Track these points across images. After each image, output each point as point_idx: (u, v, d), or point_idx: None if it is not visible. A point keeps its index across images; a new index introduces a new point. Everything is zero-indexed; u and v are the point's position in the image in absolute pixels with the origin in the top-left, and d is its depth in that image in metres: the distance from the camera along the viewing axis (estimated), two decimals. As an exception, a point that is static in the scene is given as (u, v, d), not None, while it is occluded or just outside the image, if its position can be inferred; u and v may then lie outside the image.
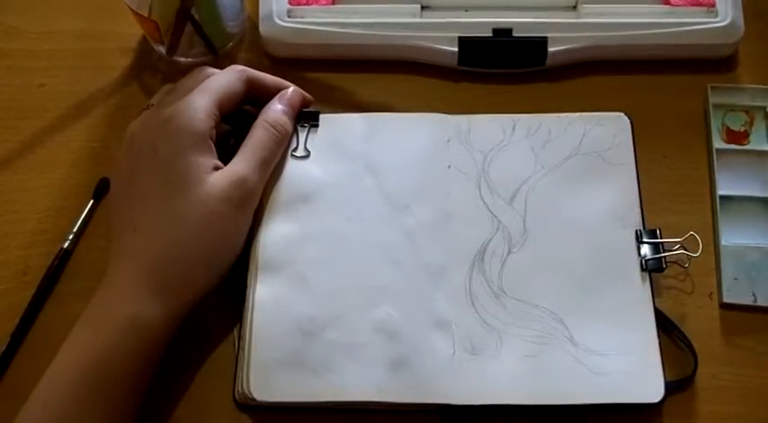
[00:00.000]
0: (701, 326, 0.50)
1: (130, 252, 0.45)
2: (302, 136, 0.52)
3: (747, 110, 0.56)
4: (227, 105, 0.49)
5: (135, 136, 0.48)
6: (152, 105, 0.51)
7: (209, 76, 0.50)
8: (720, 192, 0.53)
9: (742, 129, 0.55)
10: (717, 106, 0.56)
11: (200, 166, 0.46)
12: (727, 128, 0.55)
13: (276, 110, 0.51)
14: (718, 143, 0.55)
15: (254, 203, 0.48)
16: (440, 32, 0.57)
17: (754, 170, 0.54)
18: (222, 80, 0.49)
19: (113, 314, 0.44)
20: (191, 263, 0.45)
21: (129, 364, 0.43)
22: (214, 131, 0.48)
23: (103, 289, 0.45)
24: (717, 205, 0.53)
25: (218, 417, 0.47)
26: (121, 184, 0.48)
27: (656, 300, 0.48)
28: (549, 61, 0.57)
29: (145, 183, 0.46)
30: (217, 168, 0.47)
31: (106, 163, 0.55)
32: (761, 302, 0.50)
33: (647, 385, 0.45)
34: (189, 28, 0.56)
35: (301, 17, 0.58)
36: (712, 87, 0.56)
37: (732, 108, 0.56)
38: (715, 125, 0.55)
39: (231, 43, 0.60)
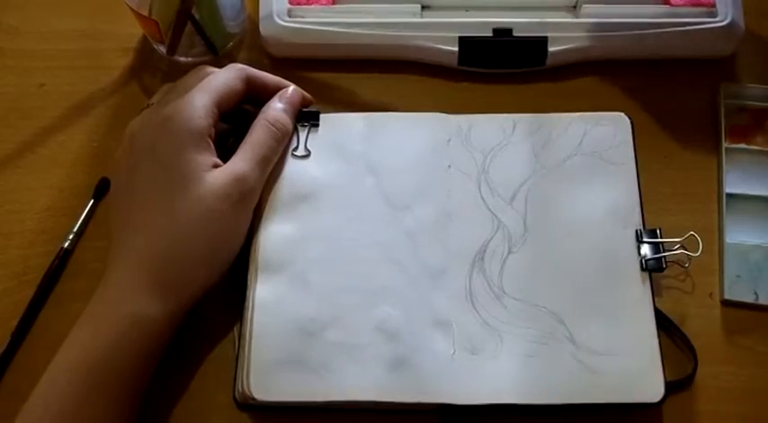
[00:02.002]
0: (702, 326, 0.50)
1: (130, 250, 0.45)
2: (302, 135, 0.52)
3: (756, 109, 0.56)
4: (226, 104, 0.49)
5: (134, 134, 0.48)
6: (152, 104, 0.51)
7: (208, 75, 0.50)
8: (727, 190, 0.53)
9: (750, 128, 0.55)
10: (727, 105, 0.56)
11: (199, 163, 0.46)
12: (735, 126, 0.55)
13: (276, 108, 0.51)
14: (726, 141, 0.55)
15: (254, 201, 0.48)
16: (440, 32, 0.57)
17: (761, 169, 0.54)
18: (221, 78, 0.49)
19: (113, 312, 0.44)
20: (190, 260, 0.45)
21: (129, 363, 0.43)
22: (213, 130, 0.48)
23: (103, 287, 0.45)
24: (723, 203, 0.53)
25: (218, 417, 0.47)
26: (121, 182, 0.48)
27: (656, 300, 0.48)
28: (549, 61, 0.57)
29: (144, 181, 0.46)
30: (216, 166, 0.47)
31: (106, 163, 0.55)
32: (762, 301, 0.50)
33: (647, 385, 0.45)
34: (189, 28, 0.56)
35: (302, 17, 0.58)
36: (725, 85, 0.56)
37: (742, 107, 0.56)
38: (724, 124, 0.55)
39: (231, 43, 0.60)
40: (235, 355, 0.47)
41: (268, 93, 0.52)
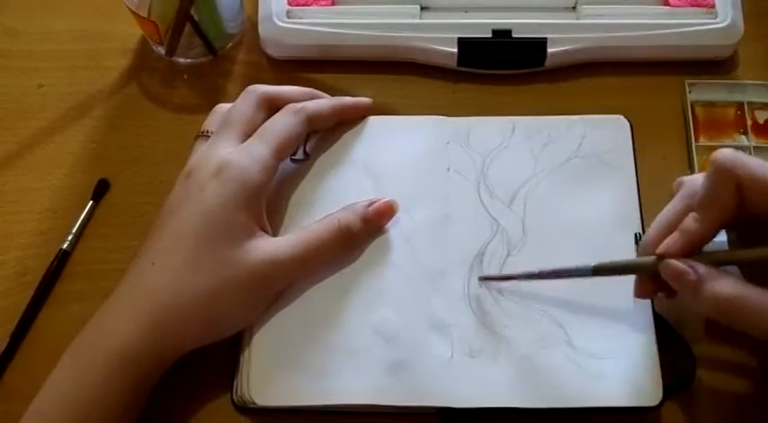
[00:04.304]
0: (700, 328, 0.49)
1: (139, 286, 0.44)
2: (301, 138, 0.52)
3: (726, 105, 0.56)
4: (285, 152, 0.48)
5: (191, 172, 0.47)
6: (206, 133, 0.50)
7: (260, 95, 0.49)
8: None
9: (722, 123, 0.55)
10: (695, 102, 0.56)
11: (243, 227, 0.45)
12: (707, 123, 0.55)
13: (357, 212, 0.48)
14: (697, 140, 0.54)
15: (278, 288, 0.47)
16: (439, 33, 0.57)
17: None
18: (282, 126, 0.48)
19: (104, 349, 0.42)
20: (190, 321, 0.44)
21: (116, 401, 0.42)
22: (268, 186, 0.47)
23: (102, 314, 0.44)
24: None
25: (217, 420, 0.47)
26: (163, 215, 0.46)
27: (655, 302, 0.48)
28: (548, 62, 0.57)
29: (182, 223, 0.45)
30: (262, 229, 0.46)
31: (105, 163, 0.55)
32: None
33: (646, 389, 0.45)
34: (188, 28, 0.56)
35: (300, 18, 0.58)
36: (690, 84, 0.56)
37: (711, 104, 0.56)
38: (693, 121, 0.55)
39: (230, 44, 0.60)
40: (234, 359, 0.47)
41: (331, 121, 0.52)
